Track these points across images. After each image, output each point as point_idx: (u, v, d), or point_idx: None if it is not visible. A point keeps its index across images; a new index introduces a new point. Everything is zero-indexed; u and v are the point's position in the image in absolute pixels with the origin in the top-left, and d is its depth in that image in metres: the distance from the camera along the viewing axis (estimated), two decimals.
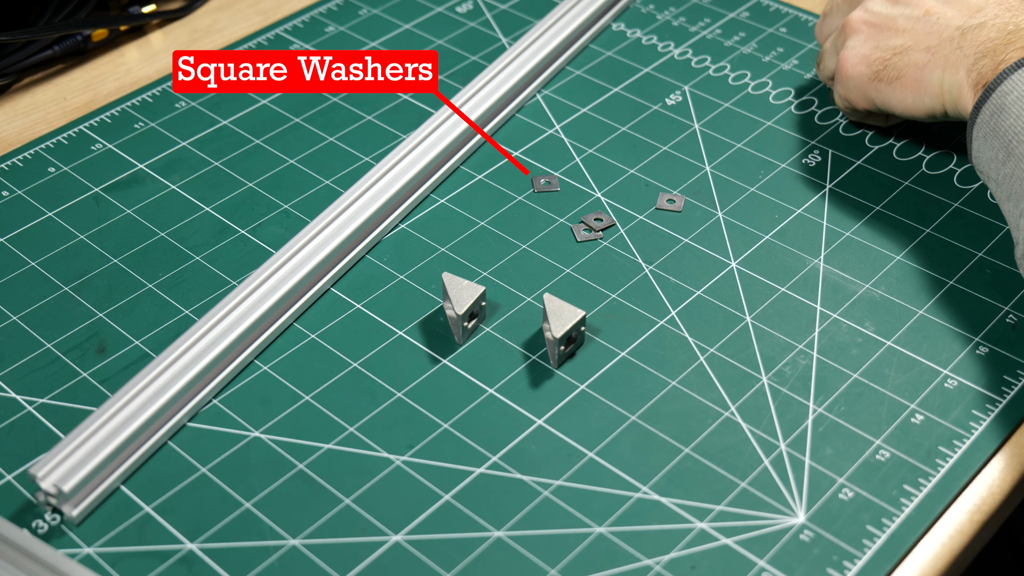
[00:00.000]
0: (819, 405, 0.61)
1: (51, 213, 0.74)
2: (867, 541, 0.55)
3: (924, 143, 0.77)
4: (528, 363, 0.64)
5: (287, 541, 0.56)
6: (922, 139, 0.77)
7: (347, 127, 0.80)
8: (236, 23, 0.91)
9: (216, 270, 0.70)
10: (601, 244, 0.71)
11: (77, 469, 0.56)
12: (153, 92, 0.83)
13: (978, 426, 0.60)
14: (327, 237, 0.69)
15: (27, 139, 0.80)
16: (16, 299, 0.68)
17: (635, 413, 0.61)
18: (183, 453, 0.60)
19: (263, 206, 0.74)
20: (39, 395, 0.63)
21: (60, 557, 0.54)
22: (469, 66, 0.85)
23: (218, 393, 0.63)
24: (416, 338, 0.65)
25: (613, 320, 0.66)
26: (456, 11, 0.91)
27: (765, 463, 0.58)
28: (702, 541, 0.55)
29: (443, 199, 0.74)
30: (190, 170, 0.77)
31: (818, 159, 0.76)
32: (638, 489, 0.58)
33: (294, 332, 0.66)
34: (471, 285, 0.65)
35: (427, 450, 0.60)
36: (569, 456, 0.59)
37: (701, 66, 0.85)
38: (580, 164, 0.76)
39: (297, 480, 0.58)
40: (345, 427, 0.61)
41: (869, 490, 0.57)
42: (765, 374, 0.63)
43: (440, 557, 0.55)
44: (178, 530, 0.56)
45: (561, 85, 0.83)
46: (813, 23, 0.88)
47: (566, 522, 0.56)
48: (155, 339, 0.65)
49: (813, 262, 0.69)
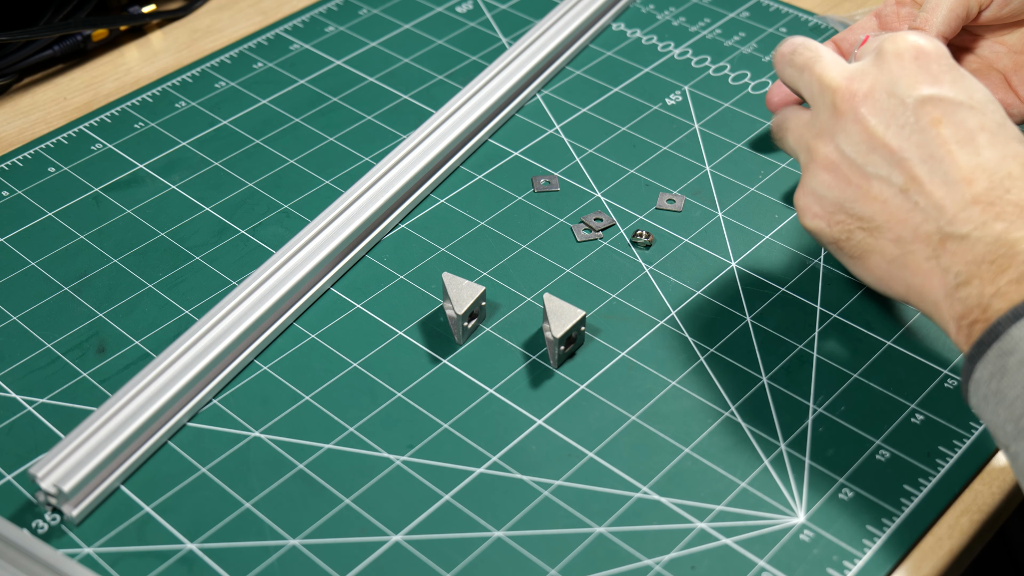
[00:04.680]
0: (819, 405, 0.61)
1: (51, 213, 0.74)
2: (867, 541, 0.55)
3: None
4: (528, 363, 0.64)
5: (287, 541, 0.56)
6: None
7: (347, 127, 0.80)
8: (236, 23, 0.91)
9: (216, 270, 0.70)
10: (601, 244, 0.71)
11: (77, 469, 0.56)
12: (153, 92, 0.83)
13: (978, 426, 0.60)
14: (327, 237, 0.69)
15: (27, 139, 0.80)
16: (16, 299, 0.68)
17: (635, 413, 0.61)
18: (183, 453, 0.60)
19: (263, 206, 0.74)
20: (39, 395, 0.63)
21: (60, 557, 0.54)
22: (469, 66, 0.85)
23: (218, 393, 0.63)
24: (416, 338, 0.65)
25: (613, 320, 0.66)
26: (456, 11, 0.91)
27: (765, 463, 0.58)
28: (702, 541, 0.55)
29: (443, 199, 0.74)
30: (190, 170, 0.77)
31: None
32: (638, 489, 0.58)
33: (294, 332, 0.66)
34: (471, 285, 0.65)
35: (427, 450, 0.60)
36: (569, 456, 0.59)
37: (701, 66, 0.85)
38: (580, 164, 0.76)
39: (297, 480, 0.58)
40: (345, 427, 0.61)
41: (869, 490, 0.57)
42: (765, 374, 0.63)
43: (440, 557, 0.55)
44: (178, 530, 0.56)
45: (561, 85, 0.83)
46: (813, 23, 0.88)
47: (566, 522, 0.56)
48: (155, 339, 0.65)
49: (813, 262, 0.69)
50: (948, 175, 0.52)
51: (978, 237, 0.51)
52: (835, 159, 0.55)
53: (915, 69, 0.55)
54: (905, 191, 0.53)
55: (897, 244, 0.54)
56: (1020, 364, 0.48)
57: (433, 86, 0.84)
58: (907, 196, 0.53)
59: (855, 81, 0.56)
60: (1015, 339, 0.48)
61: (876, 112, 0.54)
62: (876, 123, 0.54)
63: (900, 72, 0.55)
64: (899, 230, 0.54)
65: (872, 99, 0.55)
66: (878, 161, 0.54)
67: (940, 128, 0.53)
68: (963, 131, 0.53)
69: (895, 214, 0.54)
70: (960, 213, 0.52)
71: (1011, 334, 0.48)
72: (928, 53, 0.55)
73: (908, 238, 0.53)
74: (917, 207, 0.53)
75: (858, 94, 0.55)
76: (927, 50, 0.55)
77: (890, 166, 0.54)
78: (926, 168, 0.53)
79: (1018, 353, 0.48)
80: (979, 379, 0.50)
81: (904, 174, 0.53)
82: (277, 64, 0.86)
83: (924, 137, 0.53)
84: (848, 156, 0.55)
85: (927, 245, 0.53)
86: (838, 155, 0.55)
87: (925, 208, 0.53)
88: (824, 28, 0.87)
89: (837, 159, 0.55)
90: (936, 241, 0.52)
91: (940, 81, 0.54)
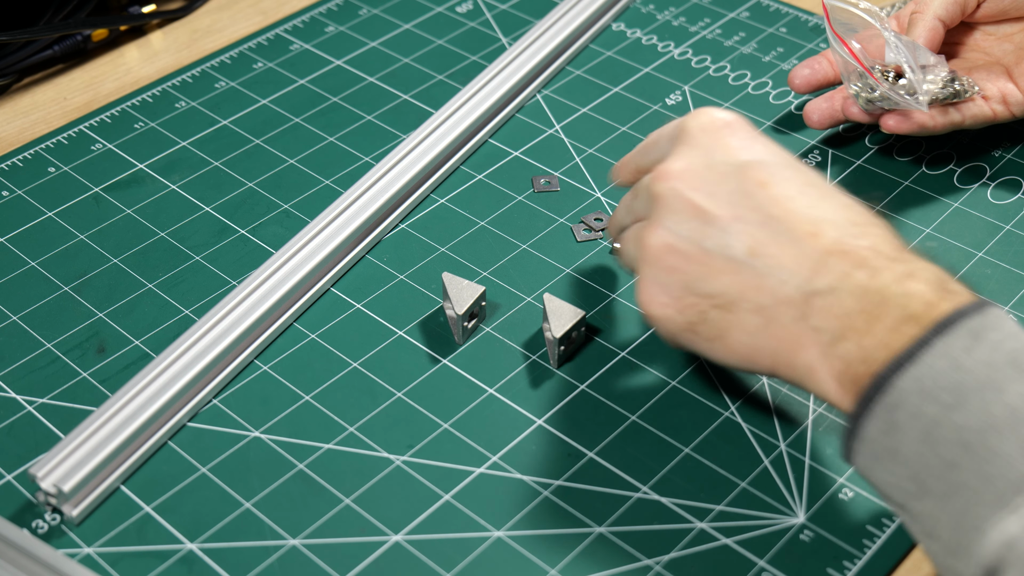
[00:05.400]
0: (819, 405, 0.61)
1: (51, 213, 0.74)
2: (867, 541, 0.55)
3: (924, 143, 0.77)
4: (528, 363, 0.64)
5: (287, 541, 0.56)
6: (922, 139, 0.77)
7: (347, 127, 0.80)
8: (236, 23, 0.91)
9: (216, 270, 0.70)
10: (601, 244, 0.71)
11: (77, 469, 0.56)
12: (153, 92, 0.83)
13: None
14: (327, 237, 0.69)
15: (27, 139, 0.80)
16: (16, 299, 0.68)
17: (635, 413, 0.61)
18: (183, 453, 0.60)
19: (263, 206, 0.74)
20: (39, 395, 0.63)
21: (60, 557, 0.54)
22: (469, 66, 0.85)
23: (218, 393, 0.63)
24: (416, 338, 0.65)
25: (613, 320, 0.66)
26: (456, 11, 0.91)
27: (765, 463, 0.58)
28: (702, 541, 0.55)
29: (443, 199, 0.74)
30: (190, 170, 0.77)
31: (818, 159, 0.76)
32: (638, 489, 0.58)
33: (294, 332, 0.66)
34: (471, 285, 0.65)
35: (427, 450, 0.60)
36: (569, 456, 0.59)
37: (701, 66, 0.85)
38: (580, 164, 0.76)
39: (297, 480, 0.58)
40: (345, 427, 0.61)
41: (869, 490, 0.57)
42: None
43: (440, 557, 0.55)
44: (178, 530, 0.56)
45: (561, 85, 0.83)
46: (813, 23, 0.88)
47: (566, 522, 0.56)
48: (155, 339, 0.65)
49: None
50: (792, 232, 0.50)
51: (843, 288, 0.48)
52: (670, 241, 0.52)
53: (726, 138, 0.53)
54: (752, 257, 0.50)
55: (758, 313, 0.51)
56: (911, 417, 0.45)
57: (433, 86, 0.84)
58: (754, 263, 0.50)
59: (671, 163, 0.54)
60: (901, 391, 0.45)
61: (699, 186, 0.52)
62: (701, 197, 0.52)
63: (712, 144, 0.53)
64: (756, 298, 0.50)
65: (691, 173, 0.53)
66: (714, 233, 0.51)
67: (769, 189, 0.51)
68: (793, 187, 0.51)
69: (748, 283, 0.51)
70: (818, 268, 0.49)
71: (896, 386, 0.45)
72: (732, 123, 0.54)
73: (769, 304, 0.50)
74: (770, 271, 0.50)
75: (674, 172, 0.53)
76: (731, 121, 0.54)
77: (728, 236, 0.51)
78: (767, 231, 0.50)
79: (906, 407, 0.45)
80: (867, 437, 0.46)
81: (745, 241, 0.51)
82: (277, 64, 0.86)
83: (755, 200, 0.51)
84: (683, 235, 0.52)
85: (791, 307, 0.49)
86: (672, 236, 0.52)
87: (778, 270, 0.50)
88: (824, 28, 0.87)
89: (672, 240, 0.52)
90: (800, 301, 0.49)
91: (754, 146, 0.53)
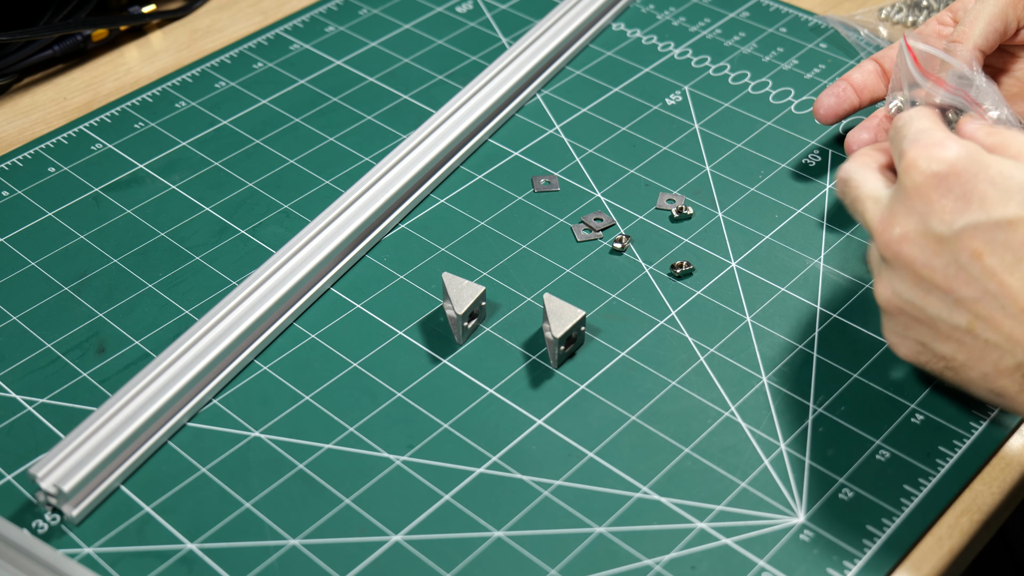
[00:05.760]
0: (819, 405, 0.61)
1: (51, 213, 0.74)
2: (867, 541, 0.55)
3: None
4: (528, 363, 0.64)
5: (287, 541, 0.56)
6: None
7: (347, 127, 0.80)
8: (236, 23, 0.91)
9: (216, 270, 0.70)
10: (601, 244, 0.71)
11: (77, 469, 0.56)
12: (153, 92, 0.83)
13: (978, 426, 0.60)
14: (327, 237, 0.69)
15: (27, 139, 0.80)
16: (16, 299, 0.68)
17: (635, 413, 0.61)
18: (183, 453, 0.60)
19: (263, 206, 0.74)
20: (39, 395, 0.63)
21: (60, 557, 0.54)
22: (469, 66, 0.85)
23: (218, 393, 0.63)
24: (416, 338, 0.65)
25: (613, 320, 0.66)
26: (456, 11, 0.91)
27: (765, 463, 0.58)
28: (702, 541, 0.55)
29: (443, 199, 0.74)
30: (190, 170, 0.77)
31: (818, 159, 0.76)
32: (638, 489, 0.58)
33: (294, 332, 0.66)
34: (471, 285, 0.65)
35: (427, 450, 0.60)
36: (569, 456, 0.59)
37: (701, 66, 0.85)
38: (580, 164, 0.76)
39: (297, 480, 0.58)
40: (345, 427, 0.61)
41: (869, 490, 0.57)
42: (765, 374, 0.63)
43: (440, 557, 0.55)
44: (178, 530, 0.56)
45: (561, 85, 0.83)
46: (813, 23, 0.88)
47: (566, 522, 0.56)
48: (155, 339, 0.65)
49: (813, 262, 0.69)
50: (1007, 308, 0.51)
51: None
52: (898, 304, 0.55)
53: (940, 199, 0.52)
54: (971, 331, 0.53)
55: (985, 380, 0.54)
56: None
57: (433, 86, 0.84)
58: (976, 335, 0.53)
59: (890, 227, 0.54)
60: None
61: (917, 256, 0.53)
62: (921, 266, 0.53)
63: (927, 209, 0.53)
64: (981, 367, 0.54)
65: (909, 242, 0.53)
66: (936, 303, 0.54)
67: (984, 260, 0.52)
68: (1008, 255, 0.51)
69: (972, 352, 0.53)
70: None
71: None
72: (946, 175, 0.53)
73: (992, 374, 0.53)
74: (990, 344, 0.52)
75: (894, 240, 0.54)
76: (944, 172, 0.53)
77: (949, 308, 0.53)
78: (984, 305, 0.52)
79: None
80: None
81: (965, 314, 0.53)
82: (277, 64, 0.86)
83: (971, 274, 0.52)
84: (908, 300, 0.55)
85: (1012, 380, 0.53)
86: (899, 300, 0.55)
87: (999, 344, 0.52)
88: (824, 28, 0.87)
89: (900, 304, 0.55)
90: (1021, 377, 0.52)
91: (970, 202, 0.52)
